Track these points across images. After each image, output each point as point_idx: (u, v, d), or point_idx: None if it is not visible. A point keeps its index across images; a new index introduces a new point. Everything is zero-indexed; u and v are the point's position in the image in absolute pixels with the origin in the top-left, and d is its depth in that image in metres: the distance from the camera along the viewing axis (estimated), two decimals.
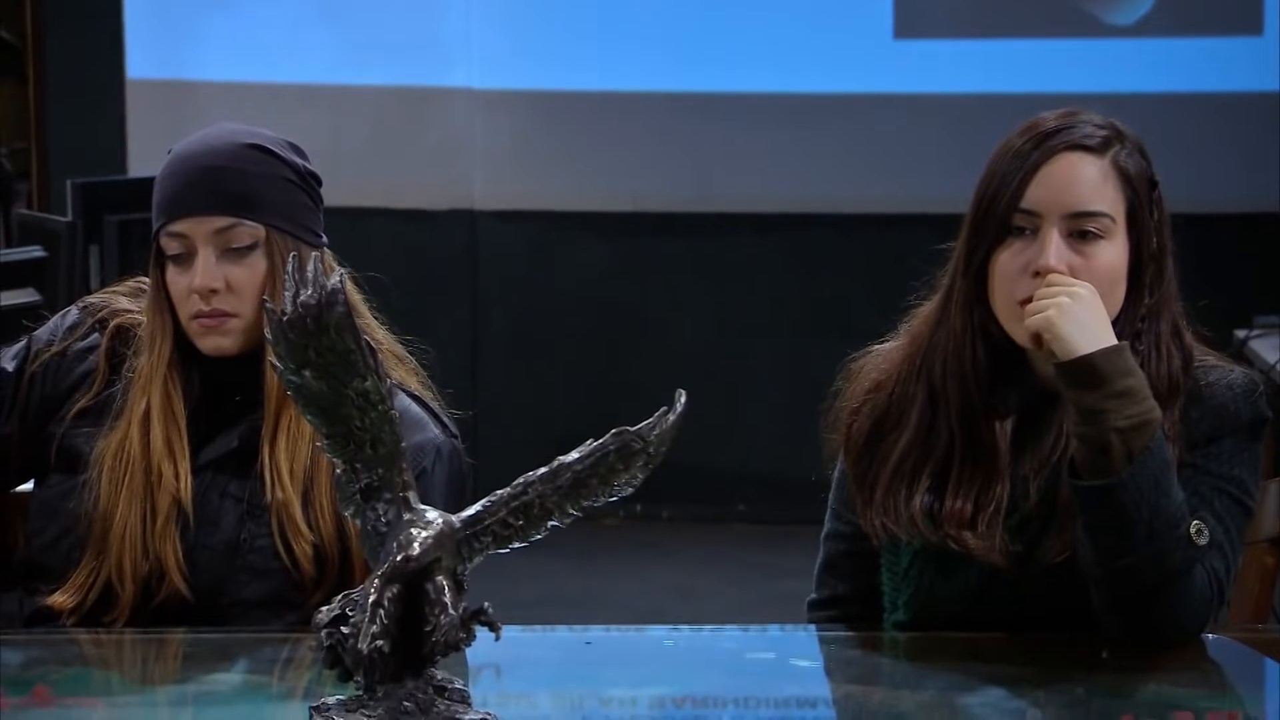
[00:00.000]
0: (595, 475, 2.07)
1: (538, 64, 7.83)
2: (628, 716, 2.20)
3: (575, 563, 7.28)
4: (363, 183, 7.83)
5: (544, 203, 7.86)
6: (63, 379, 2.62)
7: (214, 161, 2.56)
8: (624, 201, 7.82)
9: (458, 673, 2.13)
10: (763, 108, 7.71)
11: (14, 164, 7.83)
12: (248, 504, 2.54)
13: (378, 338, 2.69)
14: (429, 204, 7.88)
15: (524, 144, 7.87)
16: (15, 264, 3.78)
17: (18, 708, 2.12)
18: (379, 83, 7.84)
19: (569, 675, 2.36)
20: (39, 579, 2.56)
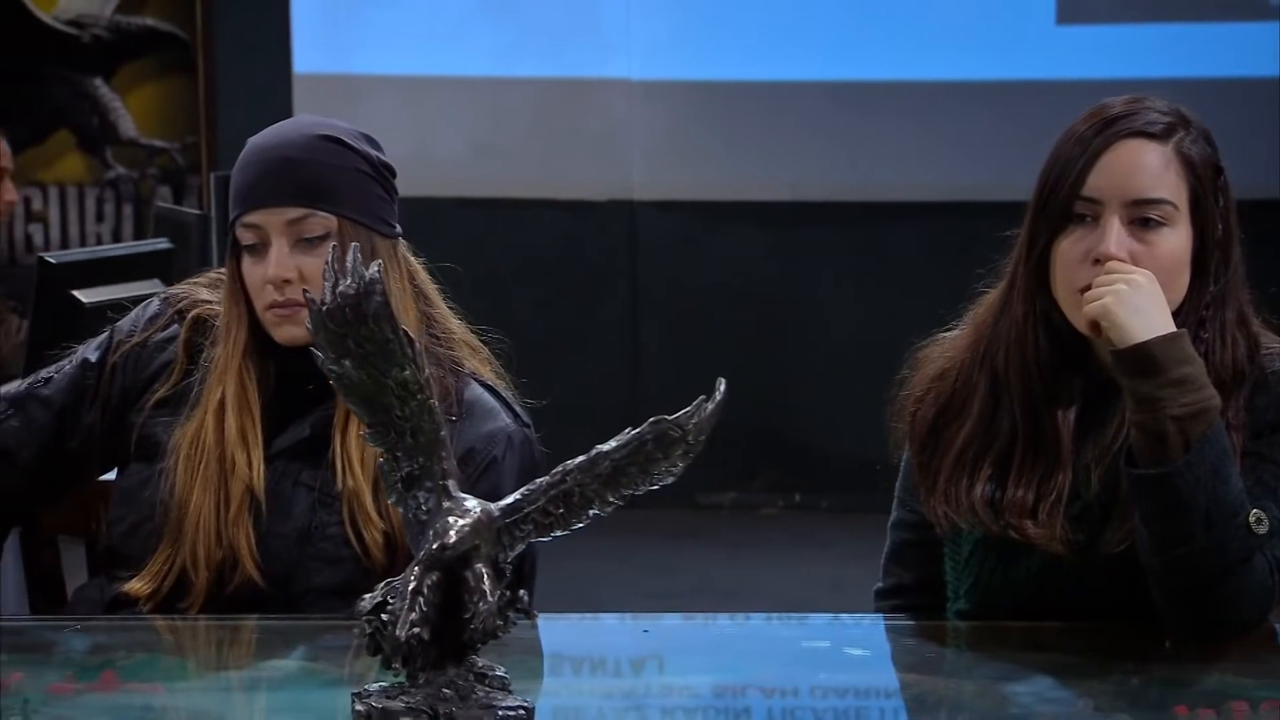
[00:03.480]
0: (634, 464, 2.07)
1: (696, 54, 7.84)
2: (675, 705, 2.20)
3: (731, 552, 7.29)
4: (522, 174, 7.90)
5: (702, 193, 7.87)
6: (143, 369, 2.67)
7: (287, 153, 2.59)
8: (782, 191, 7.81)
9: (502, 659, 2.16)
10: (921, 95, 7.67)
11: (185, 158, 7.97)
12: (319, 492, 2.58)
13: (450, 327, 2.70)
14: (588, 195, 7.93)
15: (682, 134, 7.88)
16: (143, 255, 3.87)
17: (83, 691, 2.17)
18: (538, 74, 7.89)
19: (621, 663, 2.38)
20: (119, 566, 2.62)
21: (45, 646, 2.46)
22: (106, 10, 8.02)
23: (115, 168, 7.98)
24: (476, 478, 2.56)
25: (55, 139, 8.01)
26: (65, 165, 8.03)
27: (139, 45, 8.04)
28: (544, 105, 7.92)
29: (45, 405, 2.69)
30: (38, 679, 2.21)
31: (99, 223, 7.99)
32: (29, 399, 2.69)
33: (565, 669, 2.37)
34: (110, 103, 8.03)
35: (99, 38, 8.04)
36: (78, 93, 8.04)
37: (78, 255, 3.80)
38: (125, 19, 8.02)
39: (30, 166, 7.92)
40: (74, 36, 8.03)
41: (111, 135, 8.02)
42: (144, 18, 8.02)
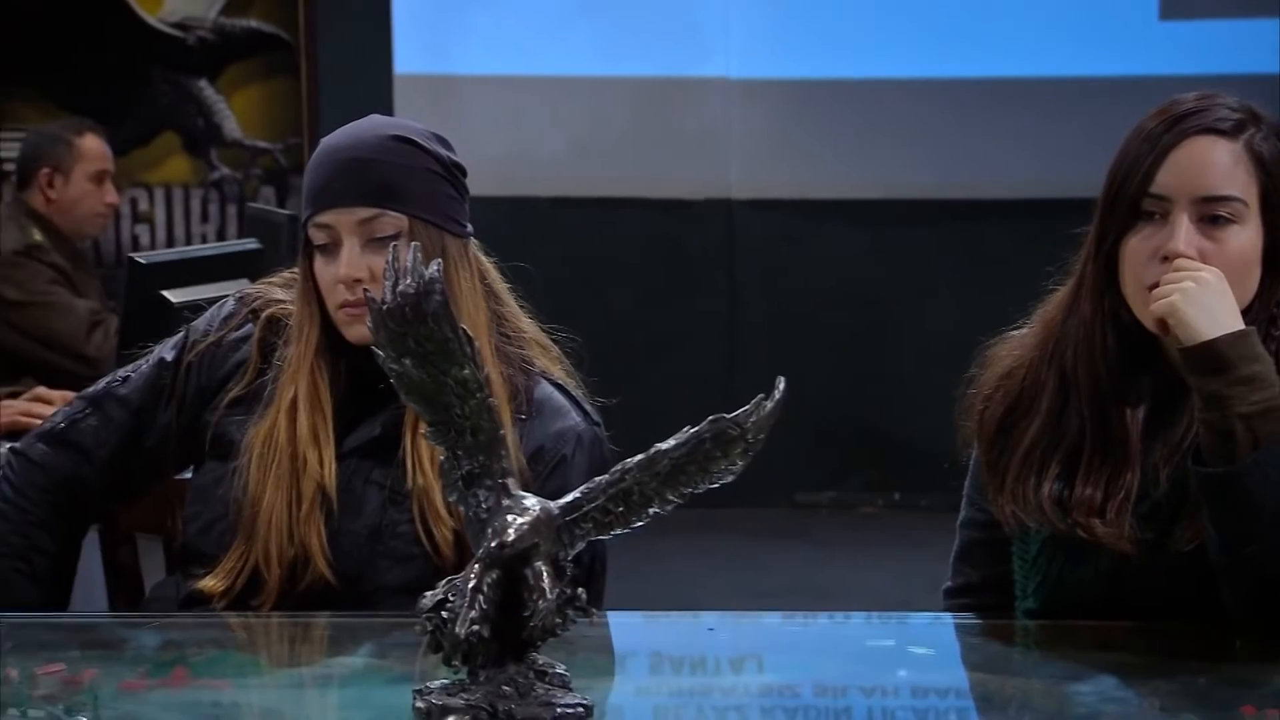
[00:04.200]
0: (693, 462, 2.08)
1: (794, 52, 7.83)
2: (731, 703, 2.20)
3: (828, 551, 7.28)
4: (620, 173, 7.91)
5: (799, 191, 7.86)
6: (218, 368, 2.70)
7: (358, 153, 2.61)
8: (879, 189, 7.78)
9: (571, 657, 2.17)
10: (1020, 92, 7.62)
11: (287, 159, 8.04)
12: (390, 490, 2.59)
13: (520, 326, 2.71)
14: (686, 194, 7.93)
15: (780, 133, 7.87)
16: (232, 255, 3.90)
17: (153, 687, 2.19)
18: (637, 74, 7.90)
19: (685, 661, 2.38)
20: (194, 563, 2.64)
21: (120, 643, 2.49)
22: (211, 12, 8.09)
23: (220, 169, 8.06)
24: (546, 476, 2.57)
25: (161, 141, 8.09)
26: (171, 167, 8.11)
27: (243, 47, 8.11)
28: (642, 104, 7.92)
29: (123, 404, 2.72)
30: (110, 675, 2.23)
31: (204, 223, 8.07)
32: (107, 398, 2.74)
33: (630, 667, 2.38)
34: (215, 104, 8.10)
35: (204, 40, 8.12)
36: (183, 94, 8.12)
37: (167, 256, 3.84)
38: (229, 21, 8.10)
39: (136, 168, 8.01)
40: (179, 39, 8.11)
41: (216, 137, 8.09)
42: (248, 19, 8.09)
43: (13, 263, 5.33)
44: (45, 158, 5.54)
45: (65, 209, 5.50)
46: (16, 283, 5.31)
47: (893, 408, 7.69)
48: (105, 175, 5.59)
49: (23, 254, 5.34)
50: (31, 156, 5.58)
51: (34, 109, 7.94)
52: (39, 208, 5.48)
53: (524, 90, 7.94)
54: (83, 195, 5.52)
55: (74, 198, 5.51)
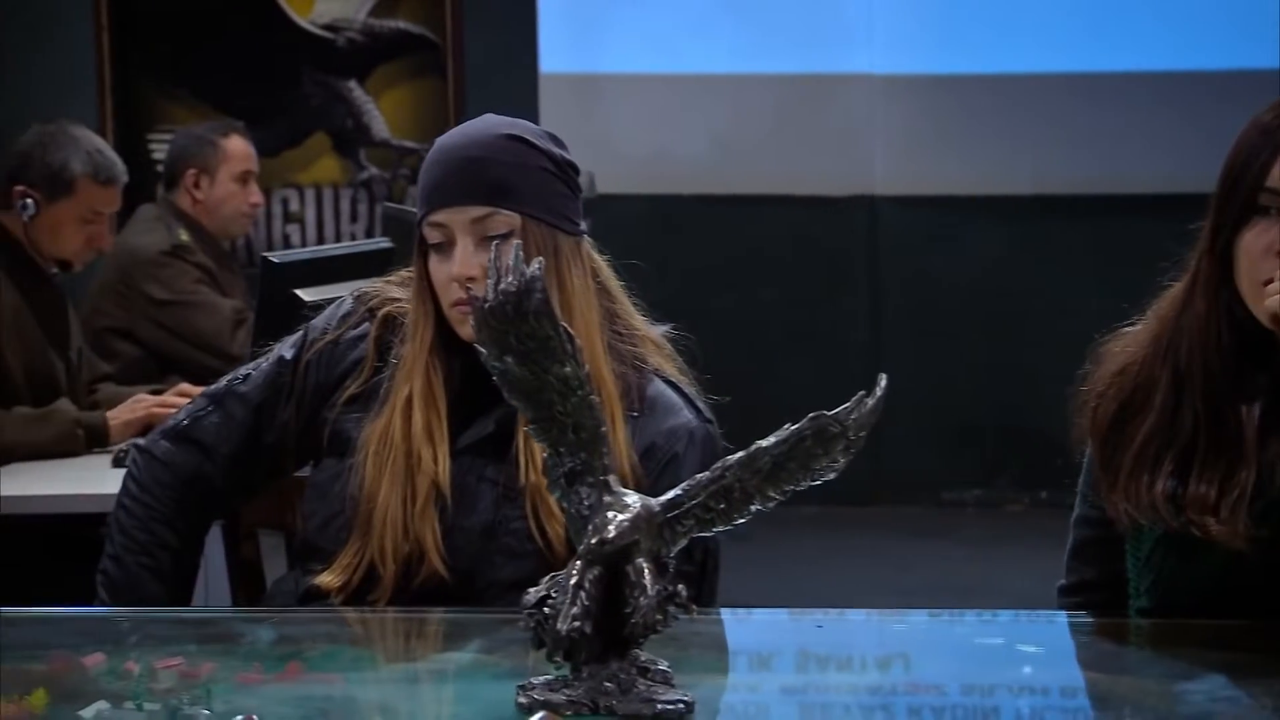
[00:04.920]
0: (794, 459, 2.07)
1: (938, 48, 7.79)
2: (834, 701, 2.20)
3: (973, 550, 7.24)
4: (764, 171, 7.91)
5: (944, 187, 7.82)
6: (335, 366, 2.73)
7: (472, 152, 2.63)
8: (1024, 184, 7.73)
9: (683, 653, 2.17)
10: (1167, 86, 7.54)
11: None
12: (503, 487, 2.61)
13: (633, 324, 2.72)
14: (829, 191, 7.91)
15: (924, 129, 7.84)
16: (364, 254, 3.94)
17: (268, 681, 2.22)
18: (781, 71, 7.90)
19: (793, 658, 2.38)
20: (313, 559, 2.68)
21: (238, 637, 2.53)
22: (360, 14, 8.17)
23: (368, 169, 8.13)
24: (658, 473, 2.58)
25: (311, 141, 8.18)
26: (321, 167, 8.20)
27: (391, 48, 8.18)
28: (786, 101, 7.92)
29: (243, 402, 2.77)
30: (227, 669, 2.26)
31: (353, 222, 8.15)
32: (228, 396, 2.78)
33: (736, 664, 2.38)
34: (364, 105, 8.18)
35: (353, 41, 8.20)
36: (332, 96, 8.21)
37: (300, 255, 3.87)
38: (378, 22, 8.17)
39: (287, 169, 8.11)
40: (329, 40, 8.20)
41: (365, 137, 8.17)
42: (396, 20, 8.16)
43: (160, 262, 5.41)
44: (191, 159, 5.62)
45: (211, 209, 5.57)
46: (163, 282, 5.39)
47: (1039, 405, 7.62)
48: (250, 176, 5.66)
49: (169, 254, 5.42)
50: (178, 158, 5.66)
51: (187, 110, 8.06)
52: (185, 208, 5.56)
53: (667, 88, 7.96)
54: (228, 196, 5.60)
55: (219, 198, 5.58)
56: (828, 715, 2.16)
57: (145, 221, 5.58)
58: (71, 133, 4.59)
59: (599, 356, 2.62)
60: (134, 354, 5.33)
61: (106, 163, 4.58)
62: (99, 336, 5.33)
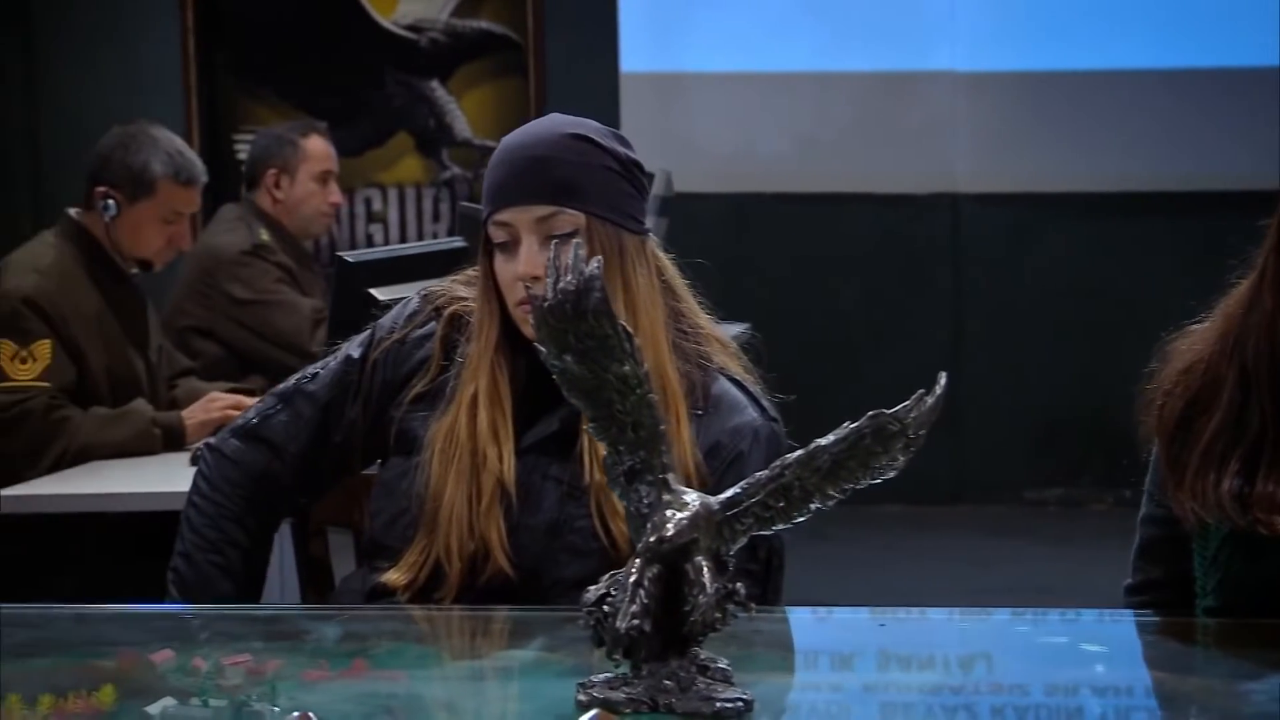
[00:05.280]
0: (853, 458, 2.07)
1: (1020, 44, 7.76)
2: (893, 700, 2.19)
3: (1057, 549, 7.20)
4: (845, 169, 7.89)
5: (1026, 184, 7.79)
6: (401, 365, 2.74)
7: (537, 151, 2.64)
8: (1108, 181, 7.68)
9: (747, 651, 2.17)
10: (1252, 82, 7.47)
11: None
12: (568, 486, 2.62)
13: (698, 322, 2.72)
14: (911, 189, 7.89)
15: (1006, 126, 7.80)
16: (437, 254, 3.94)
17: (333, 678, 2.23)
18: (861, 69, 7.88)
19: (850, 658, 2.37)
20: (379, 557, 2.69)
21: (305, 634, 2.55)
22: (443, 14, 8.21)
23: (450, 168, 8.17)
24: (723, 471, 2.58)
25: (394, 141, 8.22)
26: (404, 167, 8.24)
27: (474, 48, 8.22)
28: (867, 99, 7.90)
29: (311, 400, 2.78)
30: (293, 665, 2.27)
31: (435, 222, 8.19)
32: (297, 394, 2.80)
33: (797, 662, 2.37)
34: (446, 105, 8.22)
35: (436, 41, 8.23)
36: (415, 96, 8.25)
37: (374, 254, 3.88)
38: (460, 22, 8.20)
39: (371, 168, 8.15)
40: (412, 40, 8.24)
41: (447, 136, 8.21)
42: (479, 20, 8.19)
43: (241, 262, 5.45)
44: (271, 159, 5.66)
45: (291, 209, 5.62)
46: (244, 281, 5.44)
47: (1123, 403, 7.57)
48: (329, 175, 5.70)
49: (250, 253, 5.46)
50: (258, 158, 5.71)
51: (271, 111, 8.11)
52: (266, 208, 5.60)
53: (748, 86, 7.95)
54: (308, 195, 5.63)
55: (299, 198, 5.62)
56: (886, 714, 2.16)
57: (227, 221, 5.63)
58: (152, 134, 4.63)
59: (664, 355, 2.62)
60: (215, 353, 5.38)
61: (187, 163, 4.62)
62: (181, 336, 5.38)
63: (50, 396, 4.31)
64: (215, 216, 5.85)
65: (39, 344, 4.34)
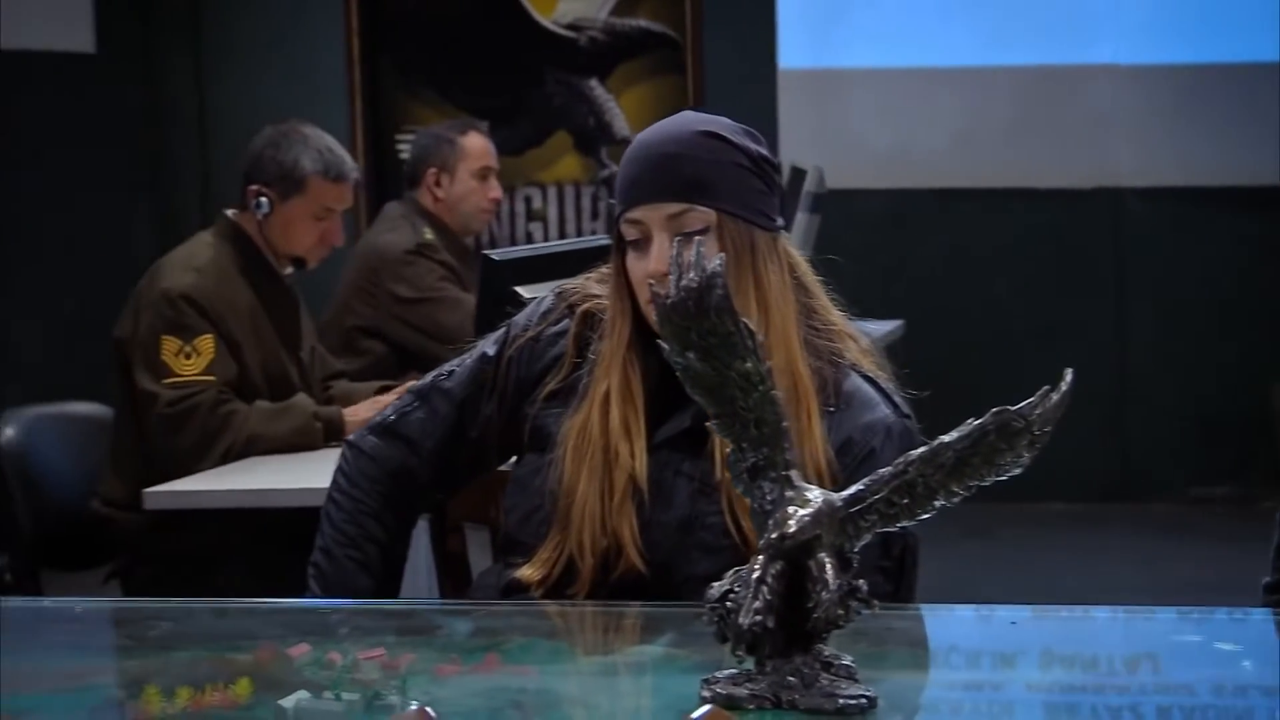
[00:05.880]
0: (977, 455, 2.06)
1: (1182, 37, 7.66)
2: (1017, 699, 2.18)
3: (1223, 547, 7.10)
4: (1004, 163, 7.83)
5: (1191, 178, 7.69)
6: (536, 362, 2.76)
7: (668, 149, 2.64)
8: (1272, 175, 7.57)
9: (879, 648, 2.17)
10: None
11: None
12: (700, 482, 2.62)
13: (831, 319, 2.71)
14: (1073, 183, 7.82)
15: (1170, 119, 7.71)
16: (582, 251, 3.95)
17: (465, 673, 2.26)
18: (1022, 62, 7.82)
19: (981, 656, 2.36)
20: (514, 553, 2.71)
21: (439, 629, 2.57)
22: (602, 13, 8.24)
23: (609, 166, 8.20)
24: (854, 468, 2.57)
25: (553, 140, 8.27)
26: (563, 165, 8.29)
27: (632, 46, 8.25)
28: (1027, 93, 7.84)
29: (447, 397, 2.81)
30: (426, 660, 2.30)
31: (594, 220, 8.23)
32: (433, 391, 2.83)
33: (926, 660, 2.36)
34: (605, 103, 8.25)
35: (595, 40, 8.27)
36: (574, 94, 8.29)
37: (520, 252, 3.90)
38: (619, 21, 8.23)
39: (530, 167, 8.20)
40: (571, 39, 8.28)
41: (606, 135, 8.24)
42: (637, 19, 8.22)
43: (405, 260, 5.51)
44: (431, 158, 5.72)
45: (451, 206, 5.67)
46: (408, 280, 5.49)
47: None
48: (489, 172, 5.75)
49: (414, 252, 5.52)
50: (419, 157, 5.77)
51: (433, 111, 8.19)
52: (428, 206, 5.67)
53: (906, 82, 7.92)
54: (468, 193, 5.69)
55: (459, 195, 5.68)
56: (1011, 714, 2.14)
57: (391, 220, 5.70)
58: (303, 131, 4.68)
59: (795, 351, 2.62)
60: (381, 351, 5.44)
61: (336, 160, 4.67)
62: (348, 335, 5.46)
63: (218, 390, 4.38)
64: (379, 215, 5.93)
65: (201, 339, 4.41)
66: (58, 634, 2.56)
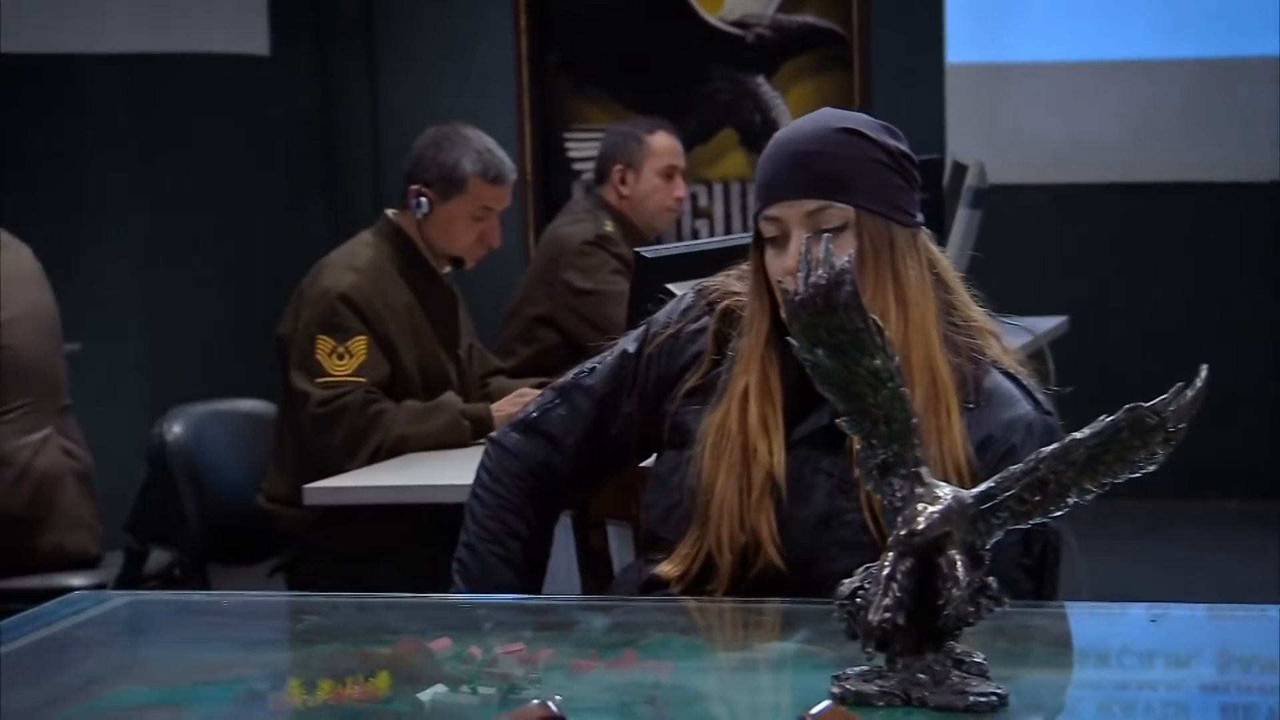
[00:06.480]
0: (1110, 452, 2.04)
1: None
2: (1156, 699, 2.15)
3: None
4: (1176, 156, 7.74)
5: None
6: (676, 359, 2.77)
7: (805, 146, 2.64)
8: None
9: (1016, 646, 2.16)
10: None
11: None
12: (839, 479, 2.62)
13: (971, 315, 2.69)
14: (1254, 176, 7.70)
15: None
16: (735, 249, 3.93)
17: (601, 668, 2.27)
18: (1195, 55, 7.71)
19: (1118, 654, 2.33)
20: (654, 549, 2.72)
21: (579, 625, 2.59)
22: (769, 9, 8.24)
23: None
24: (995, 465, 2.54)
25: (720, 137, 8.28)
26: (729, 162, 8.29)
27: (799, 43, 8.24)
28: (1203, 85, 7.73)
29: (588, 394, 2.83)
30: (563, 655, 2.31)
31: None
32: (574, 389, 2.85)
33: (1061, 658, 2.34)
34: (771, 100, 8.25)
35: (762, 37, 8.27)
36: (741, 91, 8.29)
37: (672, 250, 3.90)
38: (786, 17, 8.23)
39: (696, 164, 8.21)
40: (738, 36, 8.28)
41: (771, 132, 8.21)
42: (804, 15, 8.20)
43: (582, 251, 5.57)
44: (618, 154, 5.78)
45: (636, 204, 5.73)
46: (583, 270, 5.55)
47: None
48: (674, 171, 5.80)
49: (592, 243, 5.58)
50: (607, 154, 5.84)
51: (601, 110, 8.24)
52: (612, 202, 5.73)
53: (1076, 75, 7.84)
54: (651, 190, 5.74)
55: (644, 193, 5.73)
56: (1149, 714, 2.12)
57: (575, 212, 5.79)
58: (464, 133, 4.74)
59: (935, 347, 2.61)
60: (553, 341, 5.49)
61: (496, 161, 4.71)
62: (526, 323, 5.52)
63: (366, 391, 4.44)
64: (565, 207, 6.04)
65: (355, 340, 4.47)
66: (205, 627, 2.61)
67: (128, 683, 2.33)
